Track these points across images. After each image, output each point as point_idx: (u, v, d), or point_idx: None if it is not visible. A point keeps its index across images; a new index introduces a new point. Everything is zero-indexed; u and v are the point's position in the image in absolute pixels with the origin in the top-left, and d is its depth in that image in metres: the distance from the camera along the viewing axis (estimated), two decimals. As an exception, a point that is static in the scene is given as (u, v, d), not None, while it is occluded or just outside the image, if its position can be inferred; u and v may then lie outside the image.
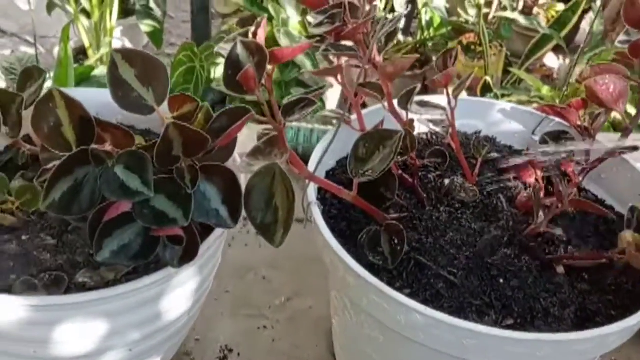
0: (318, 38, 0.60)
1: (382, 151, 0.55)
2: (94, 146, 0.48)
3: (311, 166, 0.58)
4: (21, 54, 2.08)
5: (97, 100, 0.68)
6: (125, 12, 2.12)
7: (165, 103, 0.53)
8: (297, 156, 0.54)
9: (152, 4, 2.22)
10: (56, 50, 2.20)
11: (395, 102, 0.62)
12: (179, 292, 0.55)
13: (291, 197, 0.51)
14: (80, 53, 2.09)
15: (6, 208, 0.55)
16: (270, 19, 1.93)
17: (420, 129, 0.70)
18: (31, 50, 2.36)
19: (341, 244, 0.53)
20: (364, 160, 0.55)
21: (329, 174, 0.66)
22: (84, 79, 1.82)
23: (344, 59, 0.61)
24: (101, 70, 1.88)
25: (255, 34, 0.52)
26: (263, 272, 0.78)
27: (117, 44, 2.23)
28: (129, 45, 2.33)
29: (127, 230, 0.50)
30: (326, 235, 0.54)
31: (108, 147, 0.50)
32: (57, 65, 1.75)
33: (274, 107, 0.52)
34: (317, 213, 0.56)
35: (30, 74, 0.59)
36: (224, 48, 0.52)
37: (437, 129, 0.64)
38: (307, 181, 0.56)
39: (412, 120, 0.61)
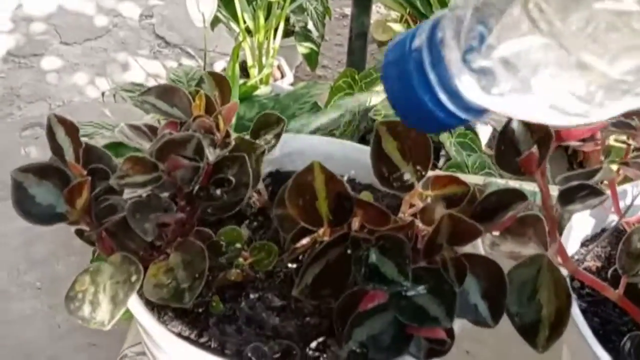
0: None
1: (662, 249, 0.48)
2: (354, 233, 0.44)
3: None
4: (187, 66, 2.13)
5: (323, 149, 0.65)
6: (284, 32, 2.13)
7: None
8: (564, 247, 0.48)
9: (310, 26, 2.23)
10: (216, 64, 2.24)
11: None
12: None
13: (562, 296, 0.45)
14: (240, 70, 2.12)
15: (239, 263, 0.52)
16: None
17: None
18: (192, 62, 2.42)
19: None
20: (639, 256, 0.48)
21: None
22: (245, 98, 1.83)
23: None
24: (262, 91, 1.89)
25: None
26: (465, 346, 0.72)
27: (274, 63, 2.24)
28: (284, 64, 2.34)
29: (378, 319, 0.45)
30: (589, 339, 0.48)
31: (357, 223, 0.46)
32: (224, 82, 1.77)
33: (545, 192, 0.46)
34: (575, 309, 0.50)
35: (266, 121, 0.57)
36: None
37: None
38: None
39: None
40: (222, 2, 2.04)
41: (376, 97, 1.97)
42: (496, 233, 0.52)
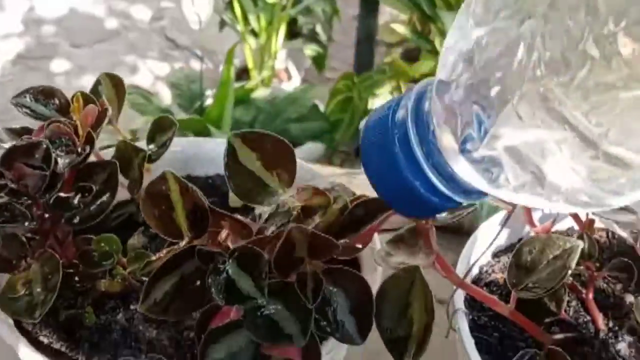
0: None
1: (552, 262, 0.44)
2: (200, 246, 0.42)
3: (461, 269, 0.48)
4: (189, 70, 2.13)
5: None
6: (292, 34, 2.11)
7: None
8: (444, 259, 0.44)
9: (318, 29, 2.20)
10: (221, 67, 2.23)
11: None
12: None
13: (430, 312, 0.42)
14: (244, 72, 2.10)
15: (117, 272, 0.50)
16: (436, 53, 1.84)
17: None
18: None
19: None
20: (528, 269, 0.45)
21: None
22: (243, 100, 1.81)
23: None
24: (260, 93, 1.87)
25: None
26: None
27: (281, 66, 2.22)
28: (292, 67, 2.32)
29: (237, 336, 0.42)
30: (471, 354, 0.44)
31: (223, 235, 0.44)
32: (219, 85, 1.76)
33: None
34: (463, 324, 0.47)
35: (161, 125, 0.54)
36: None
37: (624, 234, 0.52)
38: (454, 286, 0.47)
39: (592, 221, 0.50)
40: (228, 4, 2.03)
41: (378, 100, 1.94)
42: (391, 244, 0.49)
